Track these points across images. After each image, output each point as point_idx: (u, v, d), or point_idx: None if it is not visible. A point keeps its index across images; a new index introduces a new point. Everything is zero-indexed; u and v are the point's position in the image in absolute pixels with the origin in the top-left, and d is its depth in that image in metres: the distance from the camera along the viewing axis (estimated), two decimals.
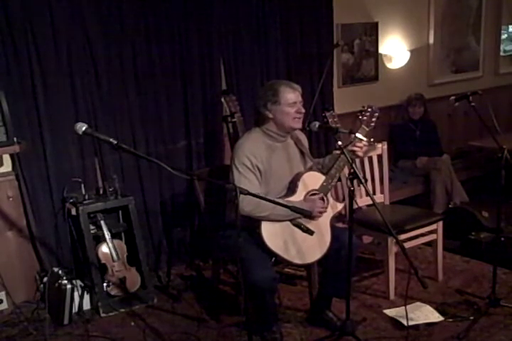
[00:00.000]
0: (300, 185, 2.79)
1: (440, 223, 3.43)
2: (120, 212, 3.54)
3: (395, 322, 3.02)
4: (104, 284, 3.31)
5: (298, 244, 2.73)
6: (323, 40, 4.30)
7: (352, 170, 2.52)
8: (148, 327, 3.09)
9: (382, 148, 3.63)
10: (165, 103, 3.68)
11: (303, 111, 2.78)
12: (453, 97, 3.18)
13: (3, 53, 3.07)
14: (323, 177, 2.83)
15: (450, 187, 4.55)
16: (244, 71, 3.95)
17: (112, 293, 3.33)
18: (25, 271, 3.38)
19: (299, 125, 2.81)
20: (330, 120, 2.91)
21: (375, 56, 4.82)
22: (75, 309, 3.21)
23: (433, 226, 3.41)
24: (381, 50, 4.86)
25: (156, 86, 3.61)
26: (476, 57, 5.71)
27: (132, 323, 3.15)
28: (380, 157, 3.64)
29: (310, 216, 2.65)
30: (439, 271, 3.50)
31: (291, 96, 2.74)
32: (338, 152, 2.84)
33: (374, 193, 3.58)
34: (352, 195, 2.56)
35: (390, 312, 3.13)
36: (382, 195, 3.66)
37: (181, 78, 3.71)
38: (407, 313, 2.76)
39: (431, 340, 2.86)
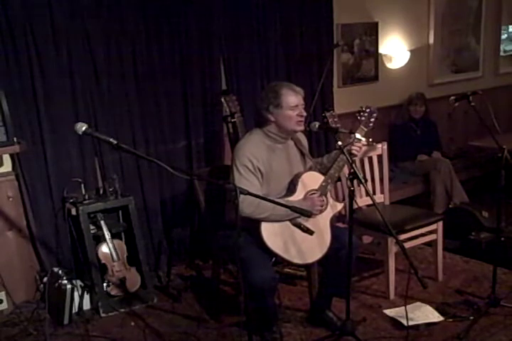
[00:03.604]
0: (299, 185, 2.79)
1: (440, 223, 3.43)
2: (120, 212, 3.54)
3: (395, 322, 3.02)
4: (104, 284, 3.32)
5: (298, 243, 2.73)
6: (323, 40, 4.31)
7: (352, 170, 2.52)
8: (148, 327, 3.09)
9: (382, 148, 3.63)
10: (165, 103, 3.68)
11: (304, 114, 2.78)
12: (453, 97, 3.18)
13: (3, 53, 3.07)
14: (322, 178, 2.83)
15: (450, 187, 4.55)
16: (244, 71, 3.95)
17: (112, 293, 3.33)
18: (25, 271, 3.38)
19: (301, 128, 2.81)
20: (330, 120, 2.91)
21: (375, 56, 4.82)
22: (75, 309, 3.21)
23: (433, 226, 3.41)
24: (381, 50, 4.86)
25: (156, 86, 3.61)
26: (476, 57, 5.71)
27: (132, 323, 3.15)
28: (380, 157, 3.63)
29: (309, 215, 2.65)
30: (439, 271, 3.50)
31: (293, 100, 2.73)
32: (337, 152, 2.84)
33: (374, 193, 3.58)
34: (352, 195, 2.56)
35: (390, 312, 3.13)
36: (382, 195, 3.66)
37: (181, 78, 3.71)
38: (407, 313, 2.76)
39: (431, 340, 2.86)
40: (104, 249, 3.32)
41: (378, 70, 4.87)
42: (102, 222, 3.33)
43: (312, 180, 2.83)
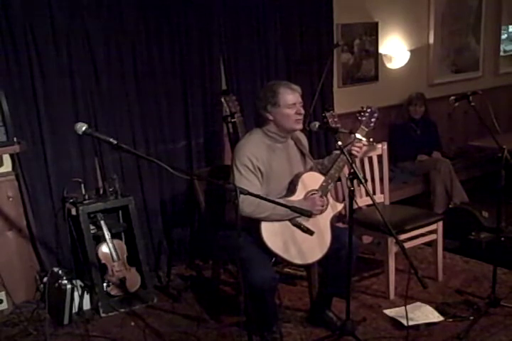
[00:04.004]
0: (299, 185, 2.79)
1: (440, 223, 3.43)
2: (120, 212, 3.54)
3: (395, 322, 3.02)
4: (104, 284, 3.31)
5: (298, 244, 2.73)
6: (323, 40, 4.31)
7: (352, 170, 2.52)
8: (148, 327, 3.09)
9: (382, 148, 3.63)
10: (165, 103, 3.68)
11: (302, 112, 2.78)
12: (453, 97, 3.18)
13: (3, 53, 3.07)
14: (322, 178, 2.83)
15: (450, 187, 4.55)
16: (244, 71, 3.95)
17: (112, 293, 3.33)
18: (25, 271, 3.38)
19: (300, 126, 2.81)
20: (330, 120, 2.91)
21: (375, 56, 4.82)
22: (75, 309, 3.21)
23: (433, 226, 3.41)
24: (381, 50, 4.86)
25: (156, 86, 3.61)
26: (476, 57, 5.71)
27: (132, 323, 3.15)
28: (380, 157, 3.63)
29: (310, 215, 2.64)
30: (439, 271, 3.50)
31: (290, 98, 2.73)
32: (337, 152, 2.84)
33: (374, 193, 3.58)
34: (352, 195, 2.56)
35: (390, 312, 3.13)
36: (382, 195, 3.66)
37: (181, 78, 3.71)
38: (407, 313, 2.76)
39: (431, 340, 2.86)
40: (104, 249, 3.32)
41: (378, 70, 4.87)
42: (102, 222, 3.33)
43: (312, 180, 2.83)
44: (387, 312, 3.13)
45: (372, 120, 2.86)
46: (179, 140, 3.79)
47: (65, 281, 3.15)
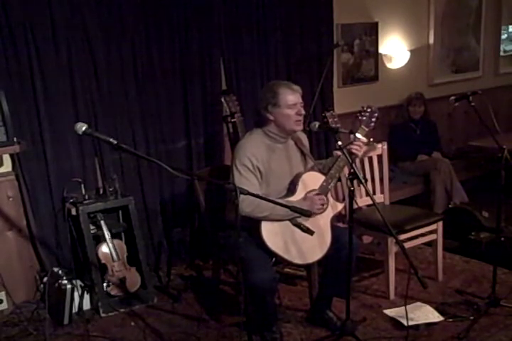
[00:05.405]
0: (300, 185, 2.79)
1: (440, 223, 3.43)
2: (120, 212, 3.54)
3: (395, 322, 3.02)
4: (104, 284, 3.31)
5: (298, 244, 2.72)
6: (323, 40, 4.31)
7: (352, 170, 2.52)
8: (149, 327, 3.09)
9: (382, 148, 3.62)
10: (165, 103, 3.68)
11: (303, 112, 2.77)
12: (453, 97, 3.18)
13: (3, 53, 3.07)
14: (323, 178, 2.83)
15: (450, 187, 4.55)
16: (244, 71, 3.95)
17: (112, 293, 3.33)
18: (25, 271, 3.38)
19: (300, 127, 2.81)
20: (330, 120, 2.91)
21: (375, 56, 4.82)
22: (75, 309, 3.21)
23: (433, 226, 3.41)
24: (381, 50, 4.86)
25: (156, 86, 3.62)
26: (476, 57, 5.72)
27: (132, 323, 3.15)
28: (380, 157, 3.63)
29: (309, 215, 2.64)
30: (439, 271, 3.50)
31: (291, 98, 2.72)
32: (338, 152, 2.84)
33: (374, 193, 3.58)
34: (352, 195, 2.56)
35: (390, 312, 3.13)
36: (382, 195, 3.66)
37: (181, 78, 3.71)
38: (407, 313, 2.76)
39: (431, 340, 2.86)
40: (104, 249, 3.32)
41: (378, 70, 4.87)
42: (102, 222, 3.32)
43: (313, 180, 2.83)
44: (387, 312, 3.13)
45: (373, 120, 2.86)
46: (179, 140, 3.79)
47: (65, 281, 3.15)
